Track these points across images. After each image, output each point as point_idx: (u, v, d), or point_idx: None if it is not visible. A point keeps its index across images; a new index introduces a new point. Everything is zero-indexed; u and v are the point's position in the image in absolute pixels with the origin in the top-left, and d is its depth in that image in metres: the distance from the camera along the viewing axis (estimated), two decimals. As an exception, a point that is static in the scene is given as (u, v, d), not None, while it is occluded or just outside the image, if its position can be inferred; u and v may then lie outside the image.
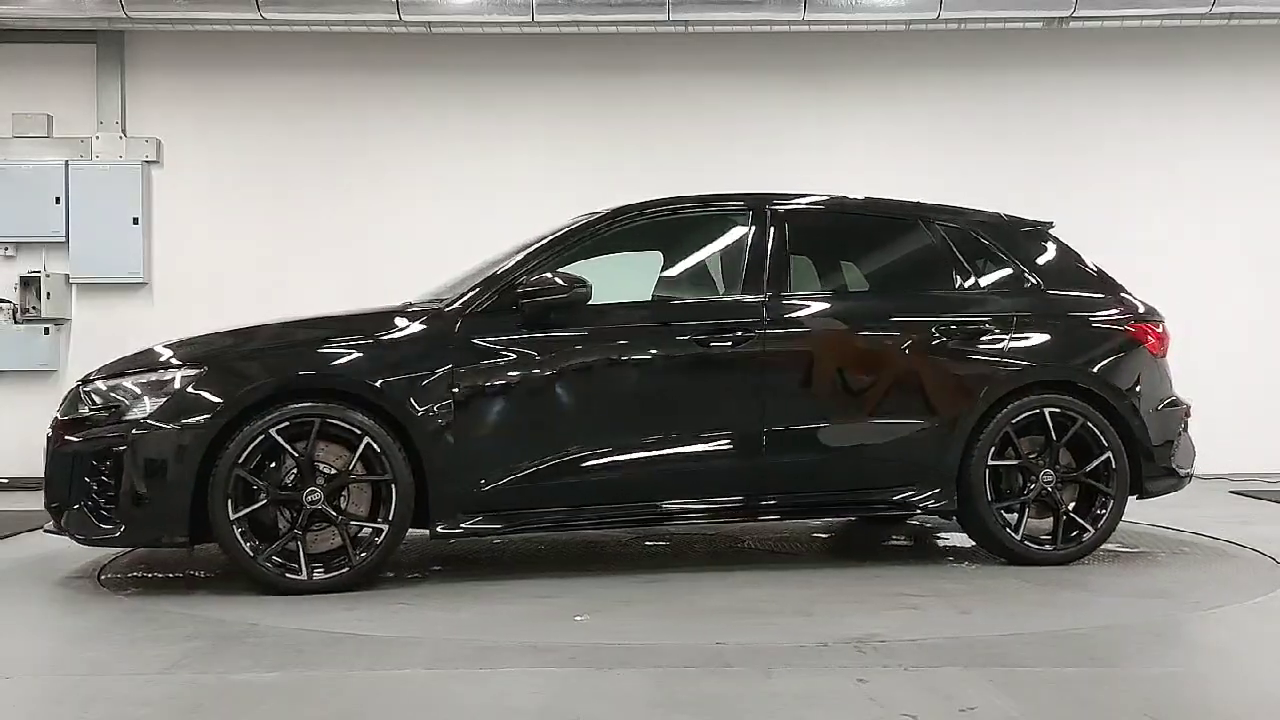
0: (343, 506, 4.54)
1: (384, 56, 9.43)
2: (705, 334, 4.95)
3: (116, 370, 4.73)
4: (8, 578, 5.08)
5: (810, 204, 5.52)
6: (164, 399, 4.48)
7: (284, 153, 9.44)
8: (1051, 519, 5.22)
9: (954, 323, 5.25)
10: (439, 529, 4.62)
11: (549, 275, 4.81)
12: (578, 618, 4.12)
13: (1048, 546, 5.18)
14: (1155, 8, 8.80)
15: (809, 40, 9.41)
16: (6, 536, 6.15)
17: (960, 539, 5.90)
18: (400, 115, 9.48)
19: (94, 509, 4.50)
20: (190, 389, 4.49)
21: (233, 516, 4.42)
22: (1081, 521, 5.21)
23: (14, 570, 5.26)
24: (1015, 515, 5.16)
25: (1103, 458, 5.22)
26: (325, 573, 4.50)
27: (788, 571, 5.03)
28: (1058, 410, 5.20)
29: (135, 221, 9.26)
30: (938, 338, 5.21)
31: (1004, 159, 9.52)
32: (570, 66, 9.47)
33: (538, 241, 5.08)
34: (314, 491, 4.48)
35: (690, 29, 9.15)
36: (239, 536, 4.43)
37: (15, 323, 9.20)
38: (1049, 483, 5.16)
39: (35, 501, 7.85)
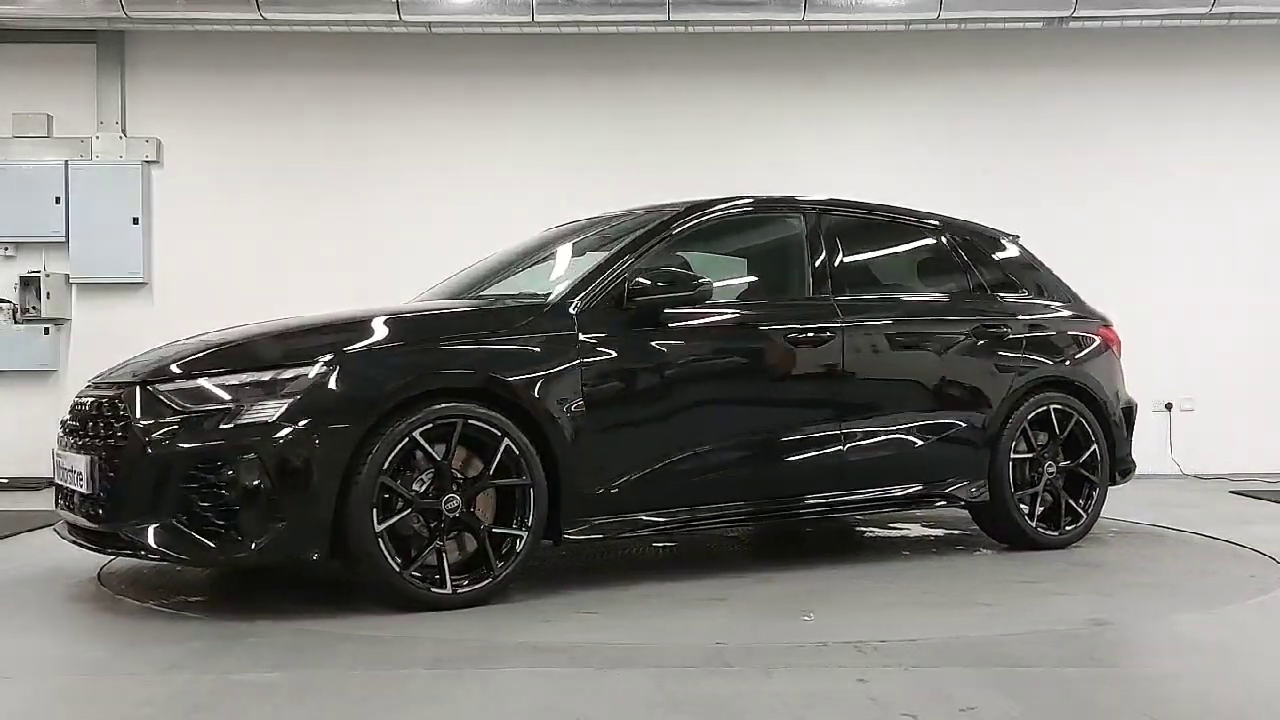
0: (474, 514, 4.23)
1: (384, 56, 9.44)
2: (794, 333, 5.04)
3: (199, 368, 4.15)
4: (8, 578, 5.07)
5: (862, 208, 5.71)
6: (292, 399, 3.99)
7: (284, 152, 9.45)
8: (1038, 508, 5.60)
9: (989, 324, 5.65)
10: (566, 534, 4.41)
11: (673, 270, 4.73)
12: (805, 617, 4.11)
13: (1053, 532, 5.57)
14: (1155, 8, 8.81)
15: (809, 40, 9.42)
16: (6, 536, 6.15)
17: (950, 534, 5.90)
18: (400, 115, 9.48)
19: (198, 523, 3.94)
20: (329, 388, 4.04)
21: (378, 528, 4.02)
22: (1077, 508, 5.65)
23: (14, 570, 5.25)
24: (1026, 505, 5.57)
25: (1090, 450, 5.72)
26: (468, 585, 4.19)
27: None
28: (1060, 407, 5.69)
29: (135, 221, 9.27)
30: (979, 338, 5.59)
31: (1004, 159, 9.54)
32: (570, 66, 9.47)
33: (615, 239, 5.00)
34: (453, 498, 4.16)
35: (690, 29, 9.15)
36: (384, 549, 4.03)
37: (15, 323, 9.20)
38: (1052, 473, 5.62)
39: (35, 501, 7.89)
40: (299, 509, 3.96)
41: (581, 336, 4.51)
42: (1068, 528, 5.61)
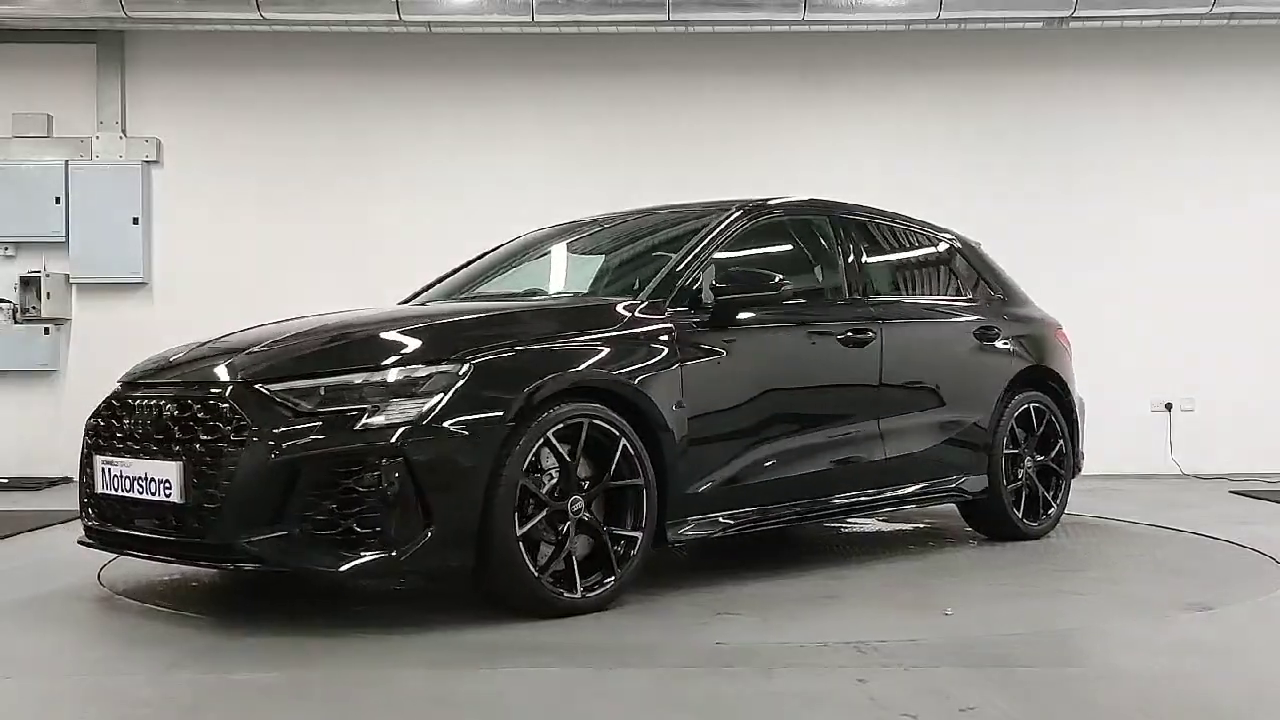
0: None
1: (384, 56, 9.44)
2: (844, 333, 5.13)
3: (315, 367, 3.93)
4: (8, 578, 5.08)
5: (880, 214, 5.88)
6: (432, 399, 3.79)
7: (284, 152, 9.45)
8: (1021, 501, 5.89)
9: (985, 326, 5.88)
10: (669, 536, 4.35)
11: (754, 270, 4.73)
12: (946, 612, 4.14)
13: (1034, 523, 5.89)
14: (1155, 8, 8.80)
15: (809, 40, 9.41)
16: (6, 537, 6.14)
17: (920, 528, 5.90)
18: (400, 115, 9.49)
19: (333, 532, 3.70)
20: (472, 387, 3.87)
21: (519, 532, 3.88)
22: (1050, 500, 6.00)
23: (14, 570, 5.26)
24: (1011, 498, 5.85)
25: (1059, 445, 6.08)
26: (590, 590, 4.06)
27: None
28: (1037, 405, 6.00)
29: (135, 221, 9.28)
30: (979, 340, 5.82)
31: (1003, 159, 9.55)
32: (570, 66, 9.47)
33: (695, 235, 4.93)
34: (577, 500, 4.04)
35: (690, 29, 9.15)
36: (525, 554, 3.88)
37: (15, 323, 9.20)
38: (1030, 468, 5.92)
39: (35, 501, 7.89)
40: (447, 514, 3.76)
41: (676, 336, 4.47)
42: (1044, 518, 5.95)
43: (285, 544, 3.69)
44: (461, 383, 3.86)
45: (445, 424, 3.77)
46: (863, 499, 5.19)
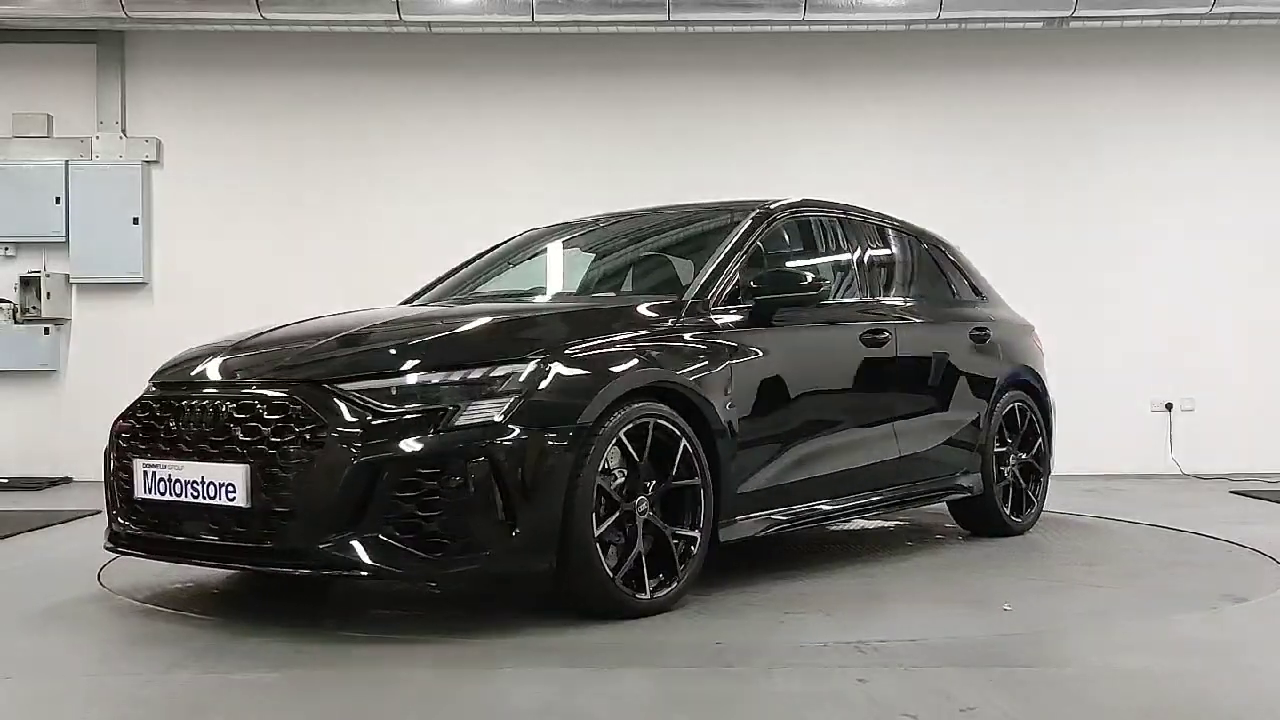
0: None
1: (384, 56, 9.44)
2: (865, 333, 5.19)
3: (386, 366, 3.85)
4: (8, 578, 5.08)
5: (874, 215, 5.91)
6: (511, 399, 3.72)
7: (284, 152, 9.46)
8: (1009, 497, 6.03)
9: (979, 327, 5.98)
10: (722, 536, 4.31)
11: (793, 270, 4.75)
12: (1005, 607, 4.18)
13: (1019, 519, 6.02)
14: (1155, 8, 8.80)
15: (809, 40, 9.41)
16: (6, 537, 6.14)
17: (918, 530, 5.91)
18: (400, 115, 9.49)
19: (416, 535, 3.60)
20: (551, 387, 3.81)
21: (597, 533, 3.82)
22: (1032, 496, 6.12)
23: (14, 570, 5.26)
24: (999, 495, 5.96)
25: (1038, 443, 6.20)
26: (663, 591, 4.03)
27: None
28: (1021, 404, 6.12)
29: (135, 221, 9.28)
30: (974, 340, 5.91)
31: (1003, 159, 9.54)
32: (570, 66, 9.48)
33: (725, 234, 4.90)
34: (643, 501, 4.01)
35: (690, 29, 9.15)
36: (602, 556, 3.83)
37: (15, 323, 9.20)
38: (1015, 465, 6.04)
39: (35, 501, 7.89)
40: (531, 516, 3.69)
41: (724, 336, 4.47)
42: (1028, 514, 6.10)
43: (366, 548, 3.60)
44: (541, 382, 3.81)
45: (528, 424, 3.71)
46: (876, 498, 5.22)
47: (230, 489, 3.74)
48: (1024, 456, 6.11)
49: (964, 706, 2.98)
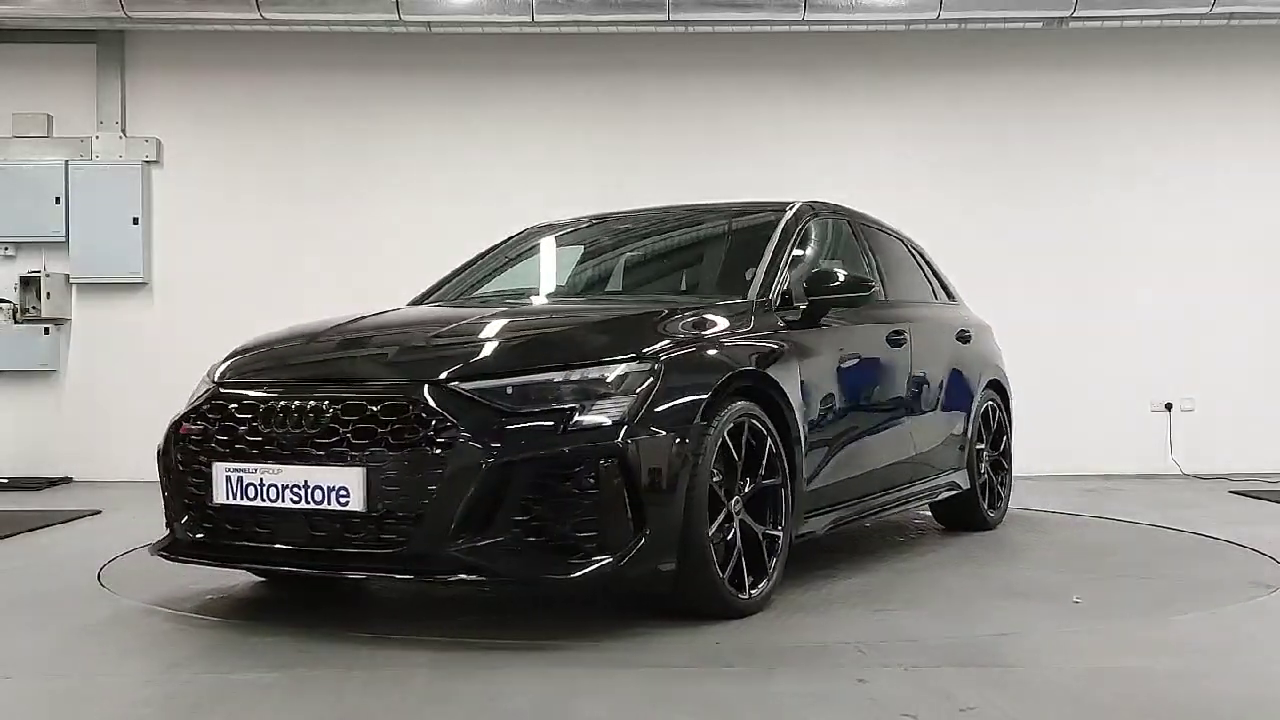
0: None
1: (384, 56, 9.44)
2: (890, 334, 5.29)
3: (503, 364, 3.78)
4: (8, 578, 5.08)
5: (871, 218, 6.00)
6: (631, 398, 3.67)
7: (284, 152, 9.46)
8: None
9: (964, 328, 6.17)
10: (795, 533, 4.31)
11: (844, 271, 4.78)
12: (1076, 599, 4.26)
13: (994, 513, 6.22)
14: (1155, 8, 8.81)
15: (809, 40, 9.41)
16: (6, 537, 6.15)
17: (897, 526, 5.91)
18: (400, 115, 9.49)
19: (547, 538, 3.55)
20: (667, 386, 3.75)
21: (711, 532, 3.78)
22: (1000, 491, 6.34)
23: (14, 570, 5.26)
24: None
25: (1005, 440, 6.45)
26: (759, 590, 4.02)
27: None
28: (993, 402, 6.34)
29: (135, 221, 9.28)
30: (961, 341, 6.08)
31: (1003, 159, 9.54)
32: (570, 66, 9.47)
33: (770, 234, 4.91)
34: (738, 500, 3.97)
35: (690, 29, 9.15)
36: (715, 557, 3.79)
37: (15, 323, 9.20)
38: (988, 461, 6.23)
39: (35, 501, 7.89)
40: (658, 516, 3.63)
41: (787, 336, 4.48)
42: (999, 507, 6.32)
43: (498, 552, 3.51)
44: (660, 380, 3.76)
45: (653, 423, 3.66)
46: (891, 496, 5.27)
47: (343, 493, 3.61)
48: (994, 453, 6.32)
49: (964, 706, 2.99)
